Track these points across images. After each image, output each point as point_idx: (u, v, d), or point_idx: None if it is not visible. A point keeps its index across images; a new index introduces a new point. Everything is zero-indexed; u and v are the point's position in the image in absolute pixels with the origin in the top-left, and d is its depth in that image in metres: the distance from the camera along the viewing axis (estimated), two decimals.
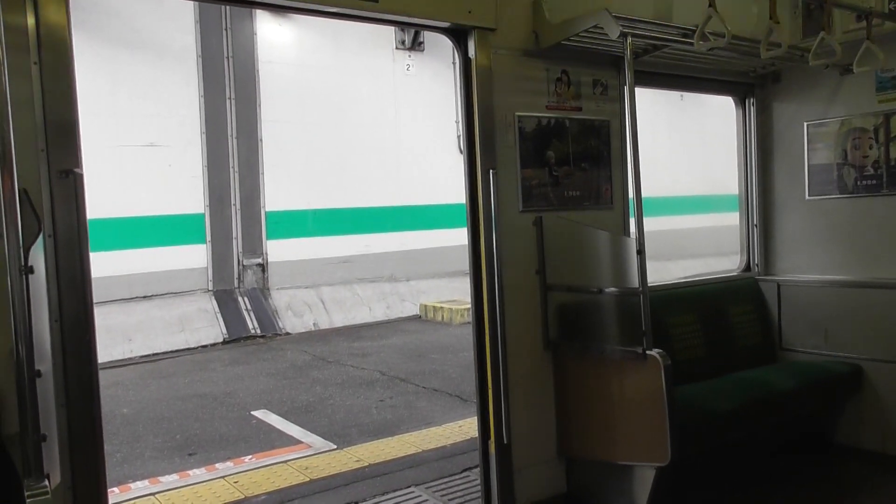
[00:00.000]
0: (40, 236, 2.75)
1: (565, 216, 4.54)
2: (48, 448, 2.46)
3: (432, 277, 15.12)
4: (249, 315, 12.85)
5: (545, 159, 4.51)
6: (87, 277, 3.00)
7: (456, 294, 14.40)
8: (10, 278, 2.34)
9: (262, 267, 13.56)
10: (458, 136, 14.42)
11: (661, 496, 4.18)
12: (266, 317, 12.94)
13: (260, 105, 13.37)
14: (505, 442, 4.28)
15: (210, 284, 13.12)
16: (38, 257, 2.73)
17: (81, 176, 2.99)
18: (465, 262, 4.48)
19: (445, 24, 4.18)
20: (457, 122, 14.43)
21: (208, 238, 13.06)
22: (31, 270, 2.39)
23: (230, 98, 13.15)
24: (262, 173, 13.46)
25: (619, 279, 4.24)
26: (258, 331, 12.56)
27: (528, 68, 4.45)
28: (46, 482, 2.34)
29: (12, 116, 2.39)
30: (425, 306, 14.27)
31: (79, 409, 3.03)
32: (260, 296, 13.32)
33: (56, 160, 2.98)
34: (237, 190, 13.26)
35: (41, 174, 2.95)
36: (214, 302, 12.82)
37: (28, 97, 2.93)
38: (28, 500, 2.26)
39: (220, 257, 13.24)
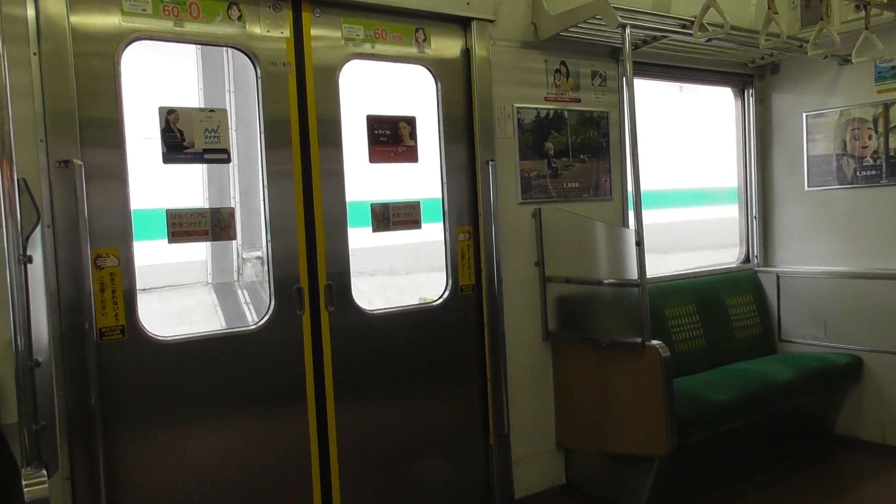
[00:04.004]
0: (39, 226, 2.75)
1: (564, 208, 4.54)
2: (46, 438, 2.46)
3: (431, 271, 15.07)
4: (248, 308, 12.82)
5: (544, 151, 4.50)
6: (86, 267, 3.00)
7: None
8: (9, 268, 2.33)
9: (262, 260, 13.52)
10: None
11: (661, 486, 4.18)
12: (265, 310, 12.88)
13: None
14: (504, 433, 4.29)
15: (209, 277, 13.08)
16: (36, 247, 2.73)
17: (81, 166, 2.99)
18: None
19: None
20: None
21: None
22: (29, 260, 2.39)
23: (230, 91, 13.09)
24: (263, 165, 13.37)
25: (618, 271, 4.24)
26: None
27: (526, 60, 4.44)
28: (44, 471, 2.34)
29: (12, 107, 2.39)
30: (424, 299, 14.24)
31: (77, 398, 3.04)
32: (259, 289, 13.29)
33: (55, 150, 2.99)
34: (236, 183, 13.19)
35: (40, 164, 2.96)
36: (214, 295, 12.78)
37: (28, 88, 2.93)
38: (26, 490, 2.26)
39: (220, 250, 13.19)
